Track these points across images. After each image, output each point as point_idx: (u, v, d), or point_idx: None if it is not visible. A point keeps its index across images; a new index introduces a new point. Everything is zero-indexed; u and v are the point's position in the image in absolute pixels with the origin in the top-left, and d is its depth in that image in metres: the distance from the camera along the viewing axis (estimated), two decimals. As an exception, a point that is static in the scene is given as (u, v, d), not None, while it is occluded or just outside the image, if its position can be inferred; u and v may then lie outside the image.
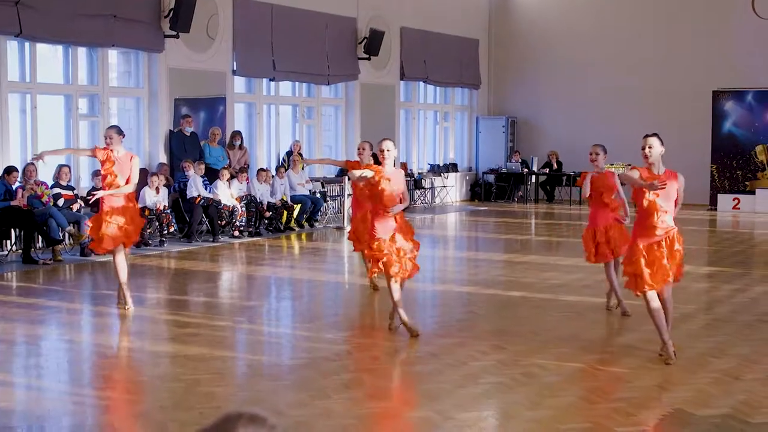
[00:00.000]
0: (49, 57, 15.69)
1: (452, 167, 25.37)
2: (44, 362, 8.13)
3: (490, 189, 25.66)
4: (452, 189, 24.88)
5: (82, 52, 15.78)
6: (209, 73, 17.57)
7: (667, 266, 7.82)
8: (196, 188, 15.87)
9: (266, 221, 17.26)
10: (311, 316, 10.16)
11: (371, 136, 19.76)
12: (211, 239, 15.91)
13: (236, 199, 16.50)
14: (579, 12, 25.34)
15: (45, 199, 13.58)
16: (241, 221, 16.59)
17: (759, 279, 12.69)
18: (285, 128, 20.34)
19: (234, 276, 13.45)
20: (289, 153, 19.08)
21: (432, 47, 23.67)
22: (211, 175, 16.53)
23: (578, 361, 7.89)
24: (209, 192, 16.16)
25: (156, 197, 15.33)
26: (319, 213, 18.71)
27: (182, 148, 16.57)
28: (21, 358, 8.51)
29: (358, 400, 6.95)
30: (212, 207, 15.91)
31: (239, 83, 18.72)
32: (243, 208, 16.59)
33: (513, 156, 25.45)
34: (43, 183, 13.86)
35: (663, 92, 23.92)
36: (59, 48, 15.57)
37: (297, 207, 17.94)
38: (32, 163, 13.98)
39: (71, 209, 13.88)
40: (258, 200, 17.02)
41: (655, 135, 8.02)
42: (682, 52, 23.89)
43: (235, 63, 18.06)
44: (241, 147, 17.88)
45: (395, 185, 8.77)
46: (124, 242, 9.93)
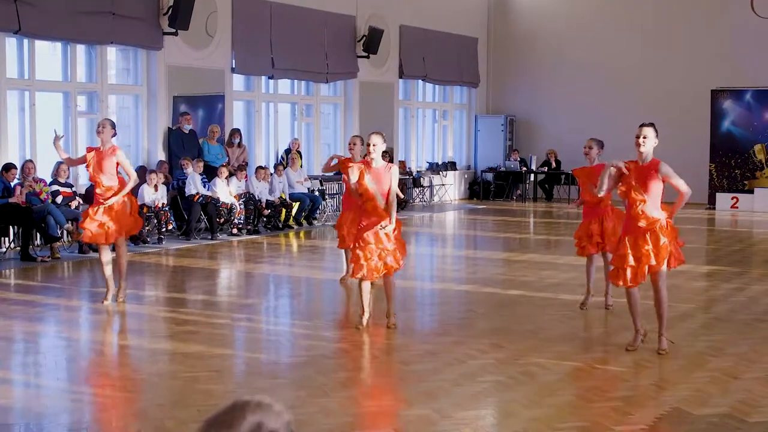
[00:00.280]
0: (48, 54, 15.67)
1: (451, 165, 25.37)
2: (42, 359, 8.13)
3: (489, 187, 25.66)
4: (451, 187, 24.88)
5: (81, 50, 15.77)
6: (208, 71, 17.56)
7: (654, 262, 7.81)
8: (195, 186, 15.87)
9: (265, 219, 17.26)
10: (309, 314, 10.16)
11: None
12: (210, 237, 15.91)
13: (235, 197, 16.49)
14: (578, 10, 25.34)
15: (43, 197, 13.58)
16: (240, 219, 16.58)
17: (757, 278, 12.69)
18: (284, 126, 20.33)
19: (232, 274, 13.45)
20: (288, 151, 19.07)
21: (431, 45, 23.66)
22: (210, 173, 16.52)
23: (576, 360, 7.89)
24: (208, 190, 16.15)
25: (154, 195, 15.33)
26: (318, 211, 18.71)
27: (181, 146, 16.56)
28: (19, 356, 8.51)
29: (357, 399, 6.95)
30: (211, 205, 15.90)
31: (238, 81, 18.71)
32: (241, 206, 16.58)
33: (512, 154, 25.46)
34: (42, 180, 13.85)
35: (662, 91, 23.91)
36: (58, 45, 15.56)
37: (295, 205, 17.94)
38: (31, 161, 14.00)
39: (69, 206, 13.88)
40: (256, 198, 17.02)
41: (652, 125, 7.97)
42: (681, 51, 23.88)
43: (234, 61, 18.05)
44: (240, 145, 17.87)
45: (382, 181, 8.73)
46: (106, 240, 10.01)
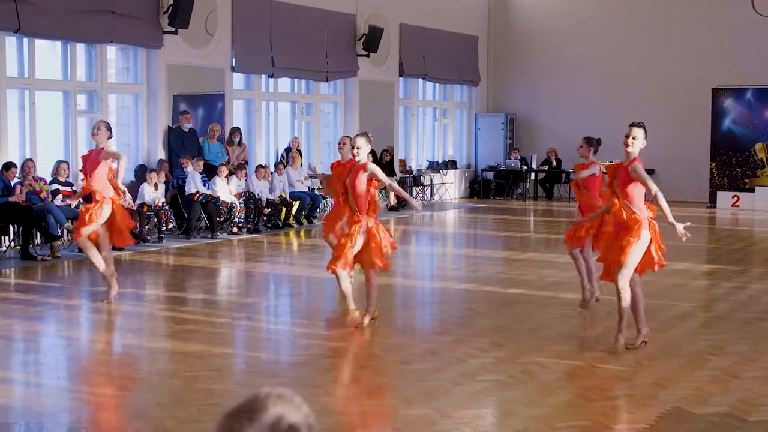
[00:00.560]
0: (48, 53, 15.67)
1: (451, 164, 25.36)
2: (42, 358, 8.12)
3: (489, 186, 25.64)
4: (451, 186, 24.86)
5: (81, 49, 15.75)
6: (208, 70, 17.54)
7: (621, 257, 7.80)
8: (195, 185, 15.85)
9: (265, 218, 17.25)
10: (310, 313, 10.15)
11: (370, 133, 19.80)
12: (210, 236, 15.90)
13: (235, 196, 16.49)
14: (578, 8, 25.32)
15: (43, 195, 13.57)
16: (240, 218, 16.57)
17: (758, 277, 12.68)
18: (284, 125, 20.32)
19: (232, 273, 13.44)
20: (288, 150, 19.07)
21: (431, 44, 23.65)
22: (210, 172, 16.50)
23: (577, 359, 7.88)
24: (208, 188, 16.14)
25: (155, 194, 15.32)
26: (318, 210, 18.70)
27: (181, 145, 16.55)
28: (19, 355, 8.51)
29: (357, 398, 6.94)
30: (211, 203, 15.90)
31: (238, 80, 18.70)
32: (241, 205, 16.58)
33: (512, 153, 25.44)
34: (42, 179, 13.85)
35: (662, 89, 23.89)
36: (58, 44, 15.55)
37: (295, 204, 17.93)
38: (31, 159, 13.99)
39: (70, 205, 13.86)
40: (257, 197, 17.01)
41: (642, 126, 7.92)
42: (682, 49, 23.86)
43: (234, 59, 18.03)
44: (240, 143, 17.86)
45: (355, 179, 8.73)
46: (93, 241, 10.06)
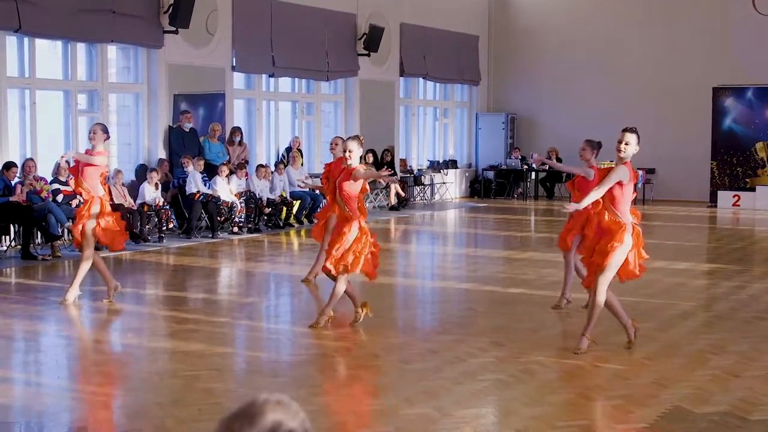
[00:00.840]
0: (49, 53, 15.67)
1: (452, 164, 25.36)
2: (43, 358, 8.13)
3: (490, 186, 25.64)
4: (452, 185, 24.86)
5: (82, 48, 15.76)
6: (208, 69, 17.55)
7: (603, 261, 7.81)
8: (195, 184, 15.85)
9: (265, 217, 17.25)
10: (310, 313, 10.14)
11: (370, 133, 19.83)
12: (210, 235, 15.90)
13: (235, 195, 16.49)
14: (579, 7, 25.31)
15: (44, 195, 13.57)
16: (240, 217, 16.57)
17: (759, 276, 12.68)
18: (284, 124, 20.32)
19: (233, 272, 13.44)
20: (289, 149, 19.07)
21: (432, 43, 23.64)
22: (211, 171, 16.51)
23: (577, 358, 7.88)
24: (208, 188, 16.14)
25: (155, 193, 15.32)
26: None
27: (181, 144, 16.55)
28: (20, 354, 8.52)
29: (357, 397, 6.95)
30: (211, 203, 15.90)
31: (238, 79, 18.70)
32: (242, 205, 16.58)
33: (512, 152, 25.44)
34: (42, 179, 13.85)
35: (663, 89, 23.88)
36: (58, 44, 15.55)
37: (296, 203, 17.93)
38: (31, 159, 14.00)
39: (70, 205, 13.86)
40: (257, 196, 17.01)
41: (635, 131, 7.92)
42: (683, 49, 23.85)
43: (235, 59, 18.04)
44: (241, 143, 17.87)
45: (344, 183, 8.77)
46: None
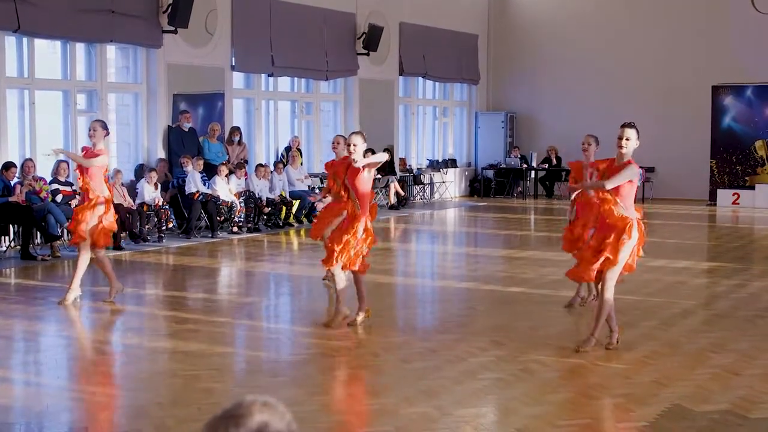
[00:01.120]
0: (48, 52, 15.66)
1: (451, 163, 25.35)
2: (43, 358, 8.13)
3: (490, 184, 25.63)
4: (451, 184, 24.85)
5: (81, 48, 15.75)
6: (208, 69, 17.54)
7: (611, 256, 7.79)
8: (195, 184, 15.85)
9: (265, 217, 17.25)
10: (310, 312, 10.15)
11: (370, 132, 19.77)
12: (210, 235, 15.89)
13: (235, 195, 16.48)
14: (578, 6, 25.30)
15: (43, 195, 13.57)
16: (240, 217, 16.57)
17: (758, 274, 12.67)
18: (284, 124, 20.31)
19: (233, 272, 13.44)
20: (288, 149, 19.06)
21: (431, 43, 23.63)
22: (210, 171, 16.50)
23: (577, 357, 7.88)
24: (208, 188, 16.13)
25: (154, 193, 15.31)
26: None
27: (181, 144, 16.55)
28: (19, 355, 8.51)
29: (357, 396, 6.95)
30: (211, 203, 15.89)
31: (238, 79, 18.69)
32: (242, 204, 16.57)
33: (512, 151, 25.44)
34: (42, 179, 13.84)
35: (662, 87, 23.87)
36: (57, 43, 15.54)
37: (296, 203, 17.92)
38: (31, 159, 13.99)
39: (70, 205, 13.85)
40: (257, 196, 17.01)
41: (634, 127, 7.92)
42: (682, 47, 23.85)
43: (234, 58, 18.03)
44: (240, 143, 17.86)
45: (361, 179, 8.75)
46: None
